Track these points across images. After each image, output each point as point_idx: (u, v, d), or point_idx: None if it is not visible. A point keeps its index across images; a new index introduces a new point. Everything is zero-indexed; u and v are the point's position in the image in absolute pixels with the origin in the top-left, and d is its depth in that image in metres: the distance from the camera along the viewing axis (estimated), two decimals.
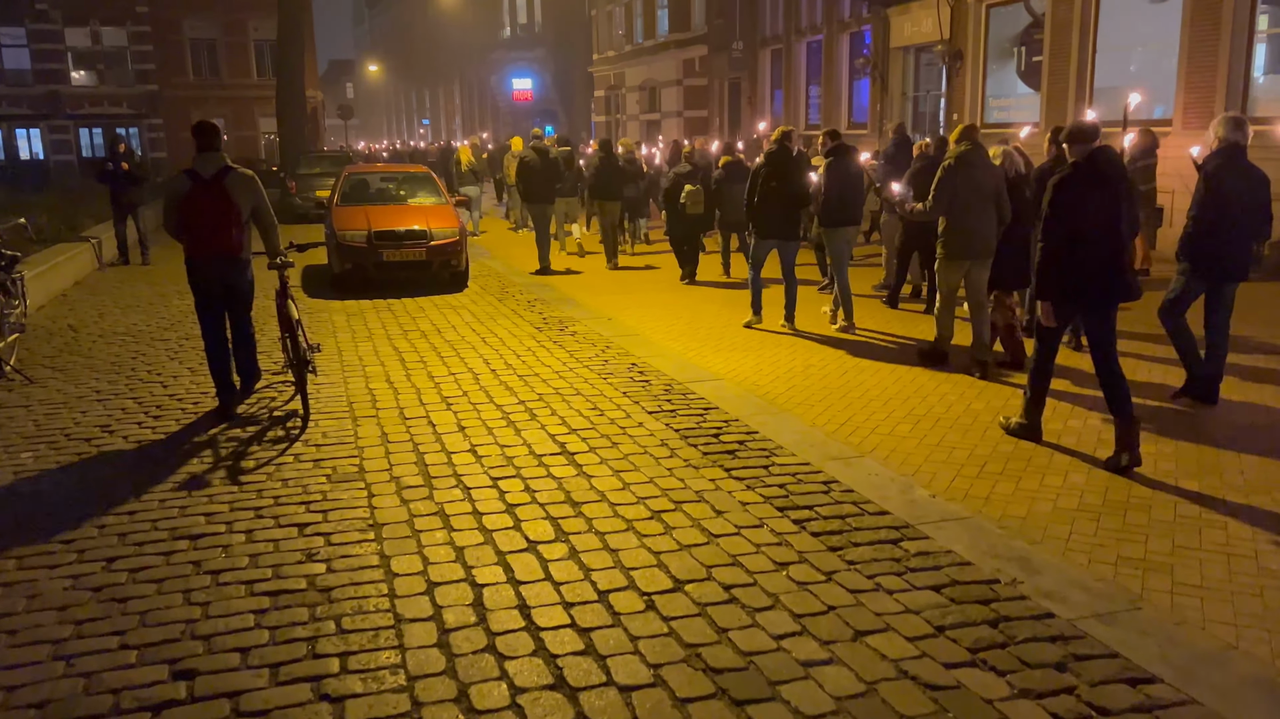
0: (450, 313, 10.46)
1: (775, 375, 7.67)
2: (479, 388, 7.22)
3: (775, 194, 8.99)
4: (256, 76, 44.04)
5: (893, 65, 20.57)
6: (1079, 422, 6.25)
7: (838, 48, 22.93)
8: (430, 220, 12.00)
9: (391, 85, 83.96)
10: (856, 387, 7.26)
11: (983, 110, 17.84)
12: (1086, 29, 14.92)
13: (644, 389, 7.12)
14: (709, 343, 8.87)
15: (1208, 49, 12.60)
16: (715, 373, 7.70)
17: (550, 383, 7.34)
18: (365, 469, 5.46)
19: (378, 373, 7.77)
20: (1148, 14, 14.49)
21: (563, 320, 9.92)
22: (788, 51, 25.20)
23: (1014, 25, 17.37)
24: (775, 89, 26.51)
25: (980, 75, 17.78)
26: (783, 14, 25.30)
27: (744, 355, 8.34)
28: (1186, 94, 12.99)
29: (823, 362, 8.07)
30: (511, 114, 51.50)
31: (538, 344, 8.76)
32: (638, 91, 35.39)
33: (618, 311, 10.47)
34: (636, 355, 8.25)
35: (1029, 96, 16.87)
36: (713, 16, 29.21)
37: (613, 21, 38.00)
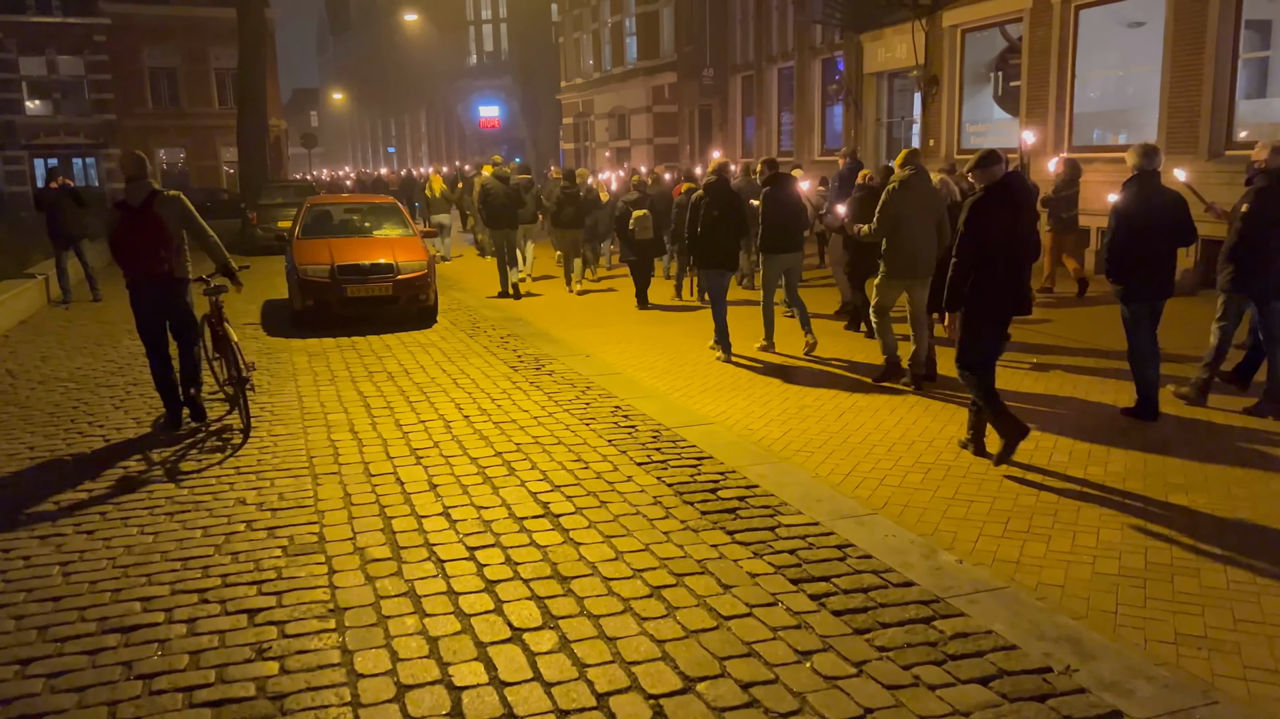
0: (419, 351, 9.90)
1: (768, 418, 7.19)
2: (451, 438, 6.67)
3: (716, 223, 9.14)
4: (218, 106, 43.28)
5: (866, 91, 20.36)
6: (1050, 441, 5.83)
7: (810, 74, 22.73)
8: (397, 253, 11.46)
9: (357, 114, 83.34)
10: (857, 429, 6.79)
11: (959, 136, 17.63)
12: (1065, 54, 14.73)
13: (630, 436, 6.61)
14: (694, 381, 8.38)
15: (1191, 73, 12.40)
16: (704, 415, 7.21)
17: (529, 430, 6.80)
18: (326, 538, 4.89)
19: (341, 422, 7.19)
20: (1128, 38, 14.33)
21: (539, 358, 9.39)
22: (759, 78, 24.99)
23: (990, 50, 17.20)
24: (747, 116, 26.27)
25: (956, 101, 17.57)
26: (754, 40, 25.11)
27: (733, 395, 7.86)
28: (1170, 119, 12.77)
29: (818, 402, 7.60)
30: (479, 142, 51.10)
31: (513, 385, 8.22)
32: (607, 119, 35.08)
33: (596, 347, 9.96)
34: (619, 397, 7.74)
35: (1006, 122, 16.66)
36: (682, 43, 29.00)
37: (581, 49, 37.74)
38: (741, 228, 9.41)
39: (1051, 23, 14.78)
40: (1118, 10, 14.20)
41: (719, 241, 9.20)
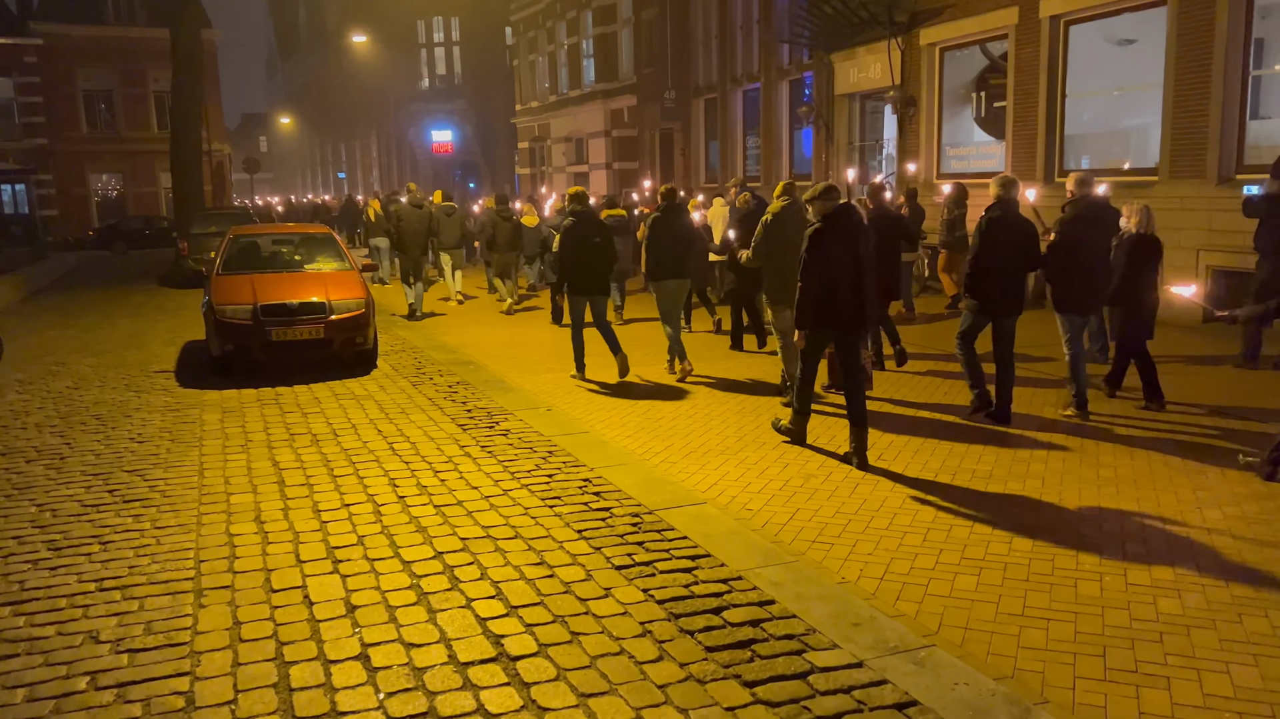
0: (353, 406, 8.55)
1: (769, 491, 5.97)
2: (381, 530, 5.35)
3: (585, 251, 9.31)
4: (157, 130, 41.44)
5: (837, 113, 19.41)
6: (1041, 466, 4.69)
7: (777, 96, 21.77)
8: (331, 290, 10.11)
9: (307, 138, 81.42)
10: (878, 506, 5.60)
11: (939, 160, 16.69)
12: (1055, 72, 13.83)
13: (605, 524, 5.34)
14: (674, 442, 7.15)
15: (1198, 93, 11.52)
16: (692, 490, 5.96)
17: (478, 517, 5.51)
18: (196, 700, 3.56)
19: (246, 506, 5.84)
20: (1124, 56, 13.48)
21: (492, 412, 8.11)
22: (723, 101, 24.01)
23: (971, 69, 16.32)
24: (710, 140, 25.27)
25: (935, 123, 16.64)
26: (717, 62, 24.15)
27: (721, 461, 6.63)
28: (1174, 141, 11.88)
29: (823, 470, 6.40)
30: (431, 166, 49.67)
31: (461, 451, 6.92)
32: (564, 143, 33.96)
33: (557, 396, 8.70)
34: (588, 465, 6.48)
35: (990, 145, 15.75)
36: (642, 66, 28.00)
37: (536, 72, 36.64)
38: (610, 255, 9.51)
39: (1040, 40, 13.89)
40: (1111, 26, 13.34)
41: (586, 268, 9.30)
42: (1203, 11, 11.41)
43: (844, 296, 6.48)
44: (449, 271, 15.77)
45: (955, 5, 15.47)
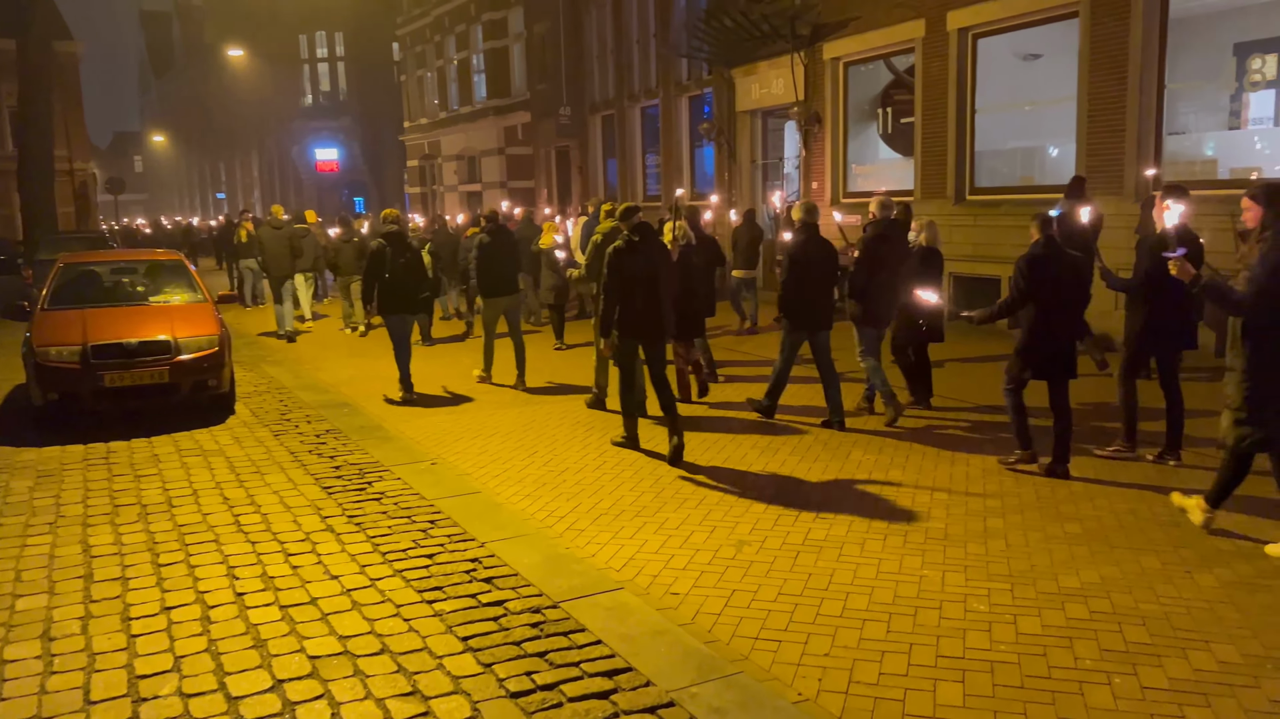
0: (198, 465, 7.24)
1: (696, 565, 4.99)
2: (207, 647, 4.15)
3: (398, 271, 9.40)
4: (12, 148, 38.30)
5: (739, 130, 18.74)
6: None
7: (676, 112, 21.03)
8: (178, 326, 8.74)
9: (184, 157, 77.59)
10: (825, 584, 4.66)
11: (844, 177, 16.13)
12: (964, 87, 13.37)
13: (498, 626, 4.26)
14: (581, 500, 6.11)
15: (1113, 107, 11.13)
16: (604, 571, 4.94)
17: (337, 623, 4.36)
18: None
19: (35, 614, 4.55)
20: (1035, 70, 13.10)
21: (364, 469, 6.92)
22: (621, 117, 23.17)
23: (876, 84, 15.82)
24: (609, 157, 24.40)
25: (841, 139, 16.08)
26: (614, 78, 23.31)
27: (638, 526, 5.62)
28: (1090, 157, 11.47)
29: (755, 535, 5.45)
30: (316, 186, 47.57)
31: (322, 524, 5.73)
32: (455, 161, 32.62)
33: (443, 445, 7.57)
34: (478, 539, 5.38)
35: (898, 162, 15.25)
36: (535, 81, 26.98)
37: (425, 87, 35.22)
38: (419, 275, 9.79)
39: (948, 53, 13.41)
40: (1021, 40, 12.95)
41: (399, 288, 9.39)
42: (1116, 23, 11.05)
43: (643, 309, 7.00)
44: (303, 294, 15.65)
45: (860, 18, 14.94)
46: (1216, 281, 5.01)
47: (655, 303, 7.05)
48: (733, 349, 11.96)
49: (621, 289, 7.01)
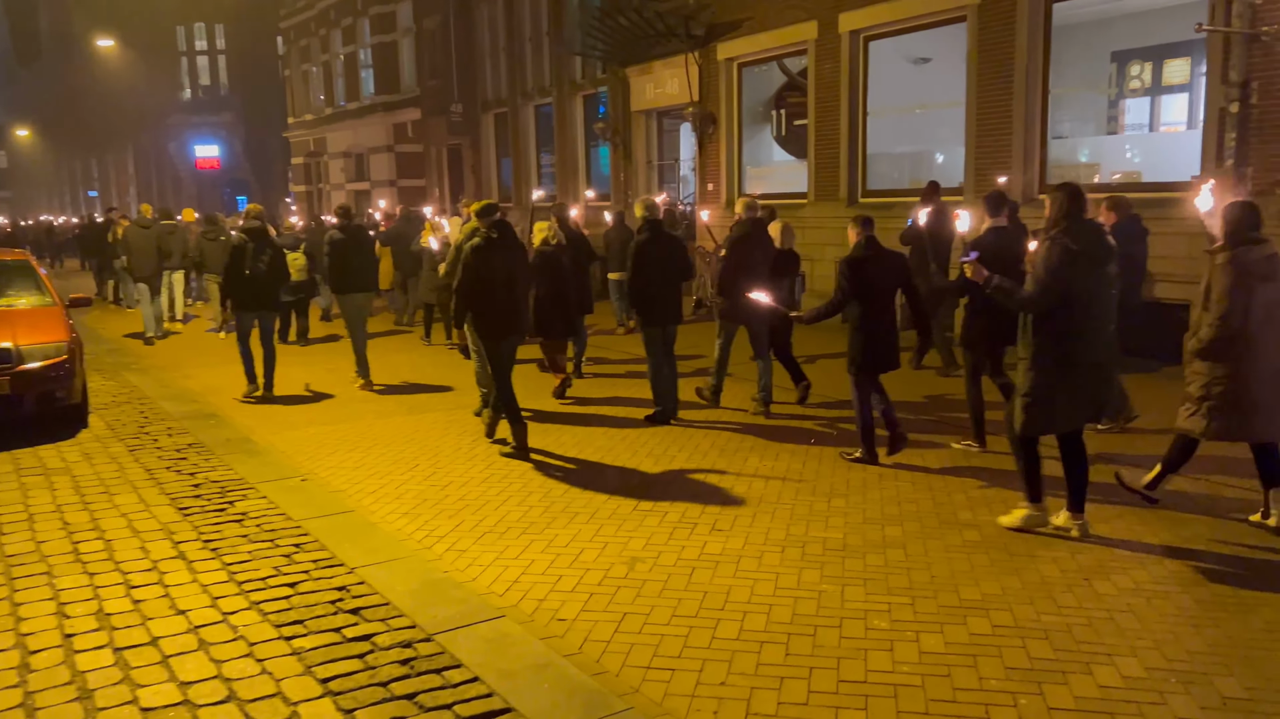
0: (39, 485, 6.55)
1: (585, 586, 4.66)
2: (22, 699, 3.62)
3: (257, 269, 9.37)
4: None
5: (635, 130, 18.52)
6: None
7: (571, 111, 20.68)
8: (21, 332, 7.97)
9: (53, 153, 73.33)
10: (720, 604, 4.39)
11: (740, 179, 16.05)
12: (856, 89, 13.41)
13: (364, 666, 3.85)
14: (464, 516, 5.72)
15: (1000, 111, 11.27)
16: (485, 596, 4.57)
17: (177, 666, 3.87)
18: None
19: None
20: (925, 74, 13.22)
21: (226, 487, 6.37)
22: (514, 115, 22.70)
23: (770, 86, 15.80)
24: (502, 156, 23.88)
25: (735, 141, 15.99)
26: (506, 75, 22.81)
27: (525, 544, 5.27)
28: (978, 160, 11.60)
29: (649, 550, 5.15)
30: (196, 184, 45.45)
31: (174, 551, 5.19)
32: (342, 158, 31.55)
33: (317, 458, 7.07)
34: (347, 565, 4.94)
35: (792, 164, 15.23)
36: (426, 77, 26.24)
37: (310, 82, 33.99)
38: (280, 274, 9.69)
39: (840, 55, 13.43)
40: (911, 43, 13.05)
41: (256, 286, 9.33)
42: (1002, 29, 11.19)
43: (503, 308, 7.05)
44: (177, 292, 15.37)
45: (753, 19, 14.87)
46: (1005, 282, 5.22)
47: (513, 301, 7.09)
48: (606, 348, 11.73)
49: (478, 287, 6.97)
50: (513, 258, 7.13)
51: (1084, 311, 4.96)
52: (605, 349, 11.64)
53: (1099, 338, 5.07)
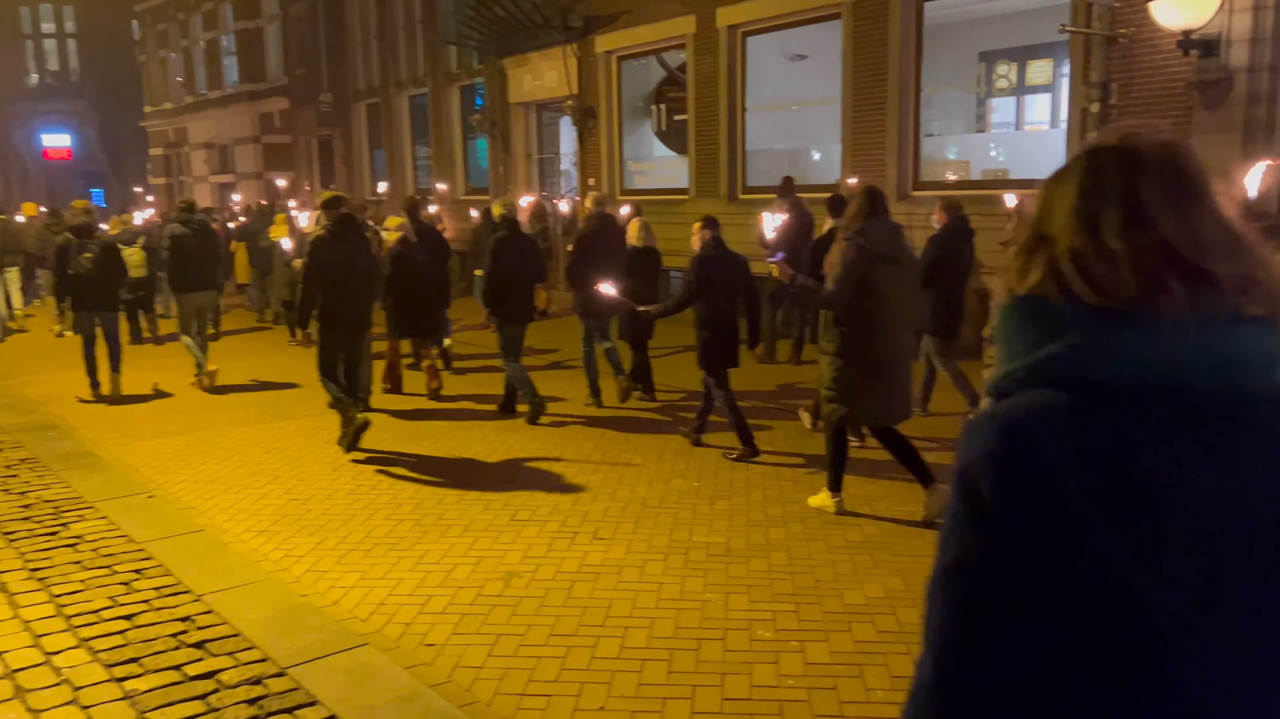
0: None
1: (457, 606, 4.38)
2: None
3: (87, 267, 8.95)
4: None
5: (514, 122, 18.12)
6: None
7: (447, 102, 20.10)
8: None
9: None
10: (603, 616, 4.19)
11: (621, 174, 15.88)
12: (734, 85, 13.39)
13: (207, 708, 3.48)
14: (328, 534, 5.34)
15: (875, 108, 11.41)
16: (348, 622, 4.24)
17: None
18: None
19: None
20: (802, 70, 13.28)
21: (61, 507, 5.82)
22: (387, 106, 21.95)
23: (650, 80, 15.66)
24: (375, 148, 23.07)
25: (616, 135, 15.80)
26: (378, 64, 22.02)
27: (394, 561, 4.94)
28: (854, 156, 11.72)
29: (526, 564, 4.90)
30: (46, 176, 42.55)
31: None
32: (205, 149, 30.02)
33: (167, 470, 6.55)
34: (195, 590, 4.52)
35: (673, 159, 15.14)
36: (294, 66, 25.15)
37: (169, 69, 32.22)
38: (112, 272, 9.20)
39: (718, 50, 13.39)
40: (787, 39, 13.11)
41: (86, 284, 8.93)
42: (875, 27, 11.31)
43: (349, 301, 6.91)
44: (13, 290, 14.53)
45: (631, 12, 14.68)
46: (807, 282, 5.64)
47: (355, 298, 6.98)
48: (472, 344, 11.44)
49: (321, 281, 6.84)
50: (356, 253, 6.99)
51: (881, 307, 5.16)
52: (475, 345, 11.28)
53: (896, 331, 5.33)
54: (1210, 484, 0.99)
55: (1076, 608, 0.99)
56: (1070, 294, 1.06)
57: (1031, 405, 1.04)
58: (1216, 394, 1.00)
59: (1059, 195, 1.12)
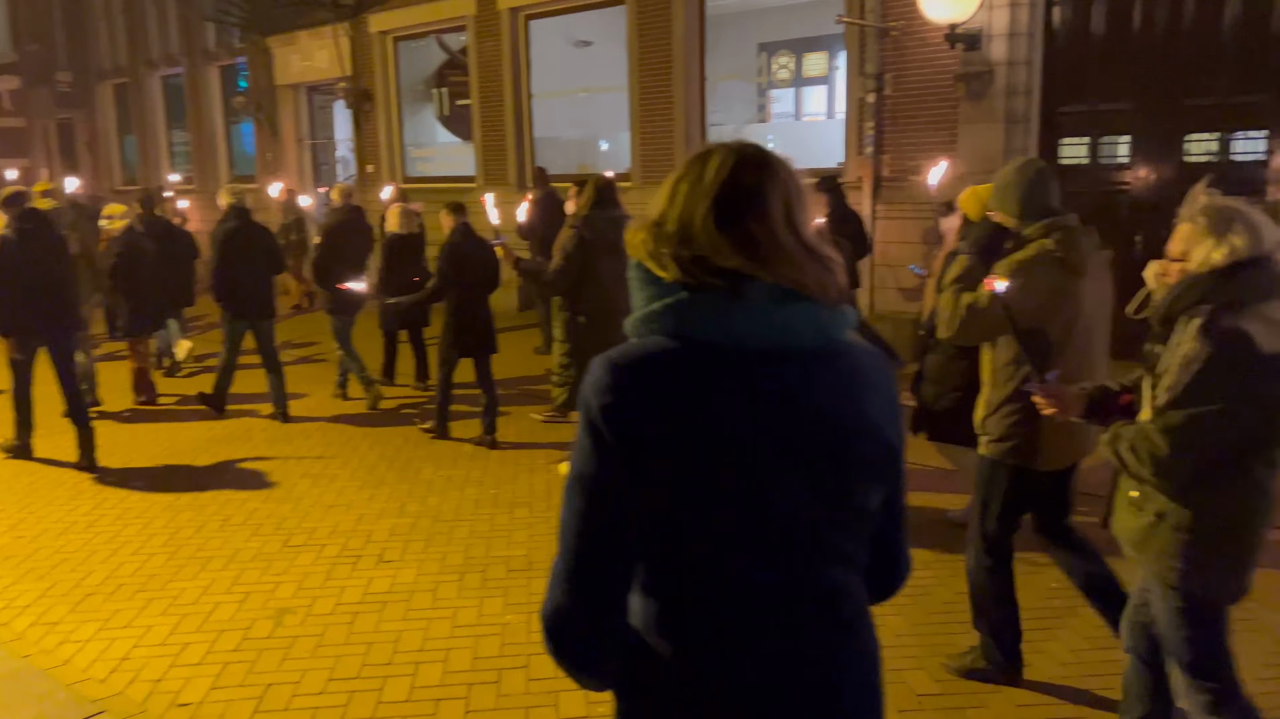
0: None
1: (220, 656, 3.81)
2: None
3: None
4: None
5: (282, 106, 16.86)
6: None
7: (205, 83, 18.46)
8: None
9: None
10: (390, 652, 3.75)
11: (402, 161, 15.10)
12: (519, 70, 12.97)
13: None
14: (62, 575, 4.58)
15: (662, 97, 11.31)
16: (80, 680, 3.59)
17: None
18: None
19: None
20: (589, 57, 13.02)
21: None
22: (137, 86, 19.94)
23: (430, 63, 14.95)
24: (125, 133, 20.96)
25: (395, 120, 15.00)
26: (126, 40, 19.98)
27: (142, 604, 4.28)
28: (644, 145, 11.60)
29: (302, 596, 4.36)
30: None
31: None
32: None
33: None
34: None
35: (458, 146, 14.54)
36: (24, 40, 22.40)
37: None
38: None
39: (500, 33, 12.91)
40: (571, 24, 12.82)
41: None
42: (659, 15, 11.22)
43: (40, 304, 6.35)
44: None
45: None
46: (529, 264, 6.13)
47: (51, 299, 6.37)
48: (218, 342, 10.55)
49: (13, 282, 6.25)
50: (49, 251, 6.43)
51: (606, 293, 5.36)
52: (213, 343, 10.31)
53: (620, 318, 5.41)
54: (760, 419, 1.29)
55: (662, 506, 1.28)
56: None
57: (640, 349, 1.31)
58: (765, 353, 1.30)
59: (675, 186, 1.37)
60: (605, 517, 1.29)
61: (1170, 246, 2.45)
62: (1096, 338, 3.34)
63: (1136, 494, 2.51)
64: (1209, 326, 2.27)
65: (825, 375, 1.33)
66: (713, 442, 1.26)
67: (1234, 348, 2.24)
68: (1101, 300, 3.31)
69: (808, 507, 1.32)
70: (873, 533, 1.43)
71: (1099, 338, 3.36)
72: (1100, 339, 3.37)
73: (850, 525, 1.38)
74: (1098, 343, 3.35)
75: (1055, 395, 2.69)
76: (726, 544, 1.30)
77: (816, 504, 1.32)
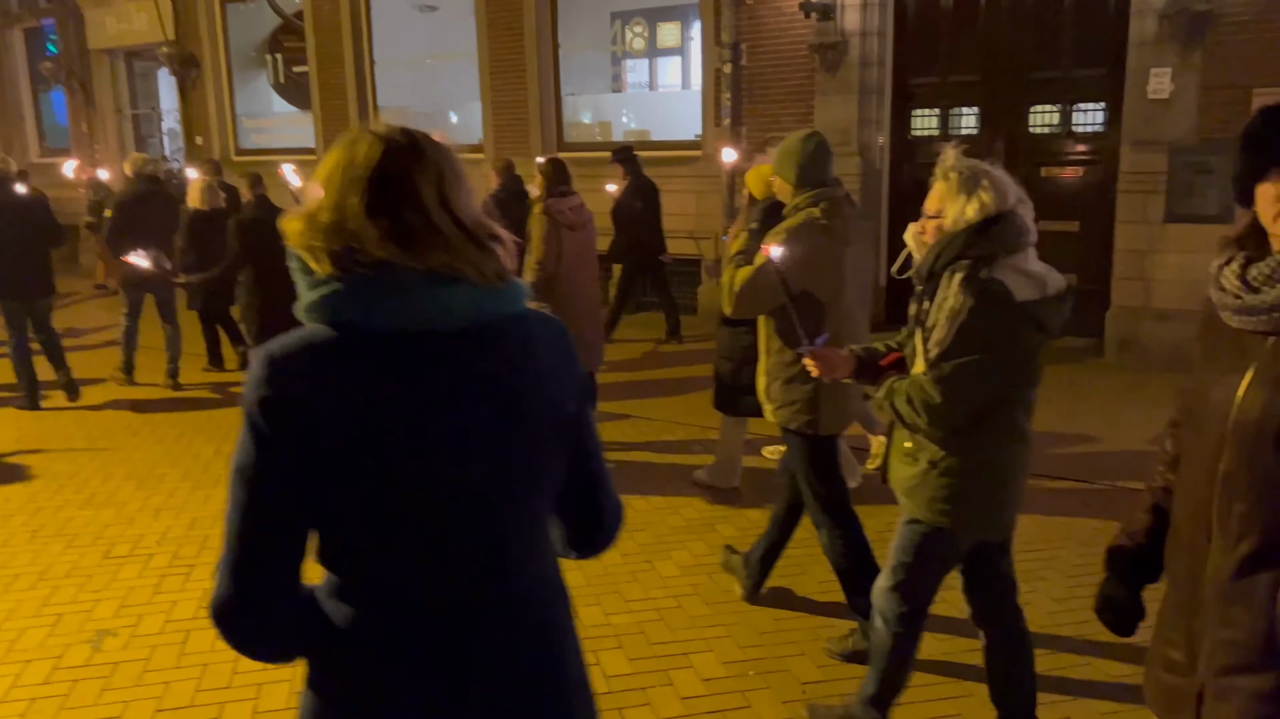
0: None
1: (26, 688, 3.35)
2: None
3: None
4: None
5: (96, 73, 15.50)
6: None
7: (9, 47, 16.81)
8: None
9: None
10: (229, 675, 3.36)
11: (235, 132, 14.14)
12: (360, 35, 12.29)
13: None
14: None
15: (514, 66, 10.91)
16: None
17: None
18: None
19: None
20: (434, 23, 12.43)
21: None
22: None
23: (263, 27, 13.99)
24: None
25: (226, 89, 14.00)
26: None
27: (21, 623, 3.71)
28: (495, 115, 11.17)
29: (127, 613, 3.89)
30: None
31: None
32: None
33: None
34: None
35: (296, 116, 13.69)
36: None
37: None
38: None
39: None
40: None
41: None
42: None
43: None
44: None
45: None
46: None
47: None
48: None
49: None
50: None
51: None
52: None
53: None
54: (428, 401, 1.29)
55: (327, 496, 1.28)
56: None
57: (297, 340, 1.29)
58: (426, 335, 1.29)
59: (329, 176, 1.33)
60: (266, 510, 1.28)
61: (926, 205, 2.57)
62: (859, 304, 3.57)
63: (910, 445, 2.63)
64: (970, 279, 2.40)
65: (496, 350, 1.35)
66: (376, 428, 1.26)
67: (994, 298, 2.38)
68: (863, 269, 3.56)
69: (486, 481, 1.33)
70: (574, 495, 1.47)
71: (862, 304, 3.61)
72: (863, 305, 3.63)
73: (535, 498, 1.40)
74: (860, 308, 3.60)
75: (825, 358, 2.79)
76: (394, 532, 1.30)
77: (497, 479, 1.33)
